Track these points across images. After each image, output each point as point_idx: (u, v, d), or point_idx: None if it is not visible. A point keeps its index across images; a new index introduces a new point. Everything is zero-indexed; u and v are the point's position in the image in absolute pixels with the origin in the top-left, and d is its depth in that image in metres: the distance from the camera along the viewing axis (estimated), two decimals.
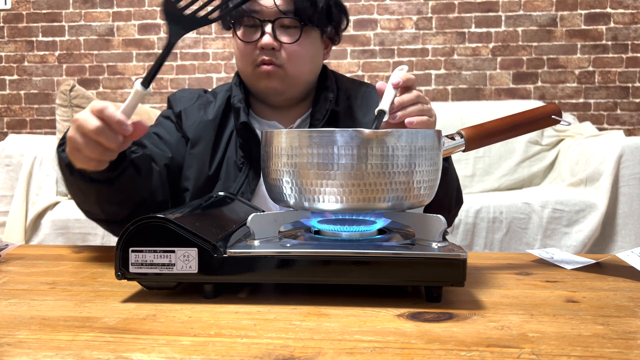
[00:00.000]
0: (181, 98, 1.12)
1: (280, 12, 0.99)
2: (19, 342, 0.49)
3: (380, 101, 0.80)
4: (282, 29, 1.01)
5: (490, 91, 2.91)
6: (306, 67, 1.05)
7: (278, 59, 1.01)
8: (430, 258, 0.59)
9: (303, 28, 1.01)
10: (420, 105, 0.82)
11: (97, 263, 0.83)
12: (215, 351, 0.46)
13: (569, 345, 0.47)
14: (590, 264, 0.78)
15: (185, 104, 1.10)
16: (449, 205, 1.01)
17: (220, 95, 1.11)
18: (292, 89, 1.05)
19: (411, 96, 0.81)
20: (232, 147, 1.06)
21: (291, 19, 1.00)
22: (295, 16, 0.99)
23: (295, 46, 1.01)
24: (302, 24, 1.00)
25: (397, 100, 0.80)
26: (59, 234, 2.09)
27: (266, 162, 0.69)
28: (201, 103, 1.10)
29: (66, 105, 2.30)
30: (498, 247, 1.98)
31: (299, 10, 0.99)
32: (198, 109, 1.09)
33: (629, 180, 1.98)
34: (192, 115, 1.08)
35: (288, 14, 0.99)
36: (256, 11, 0.99)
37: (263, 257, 0.60)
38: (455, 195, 1.02)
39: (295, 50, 1.01)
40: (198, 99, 1.11)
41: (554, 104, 0.87)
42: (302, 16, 1.00)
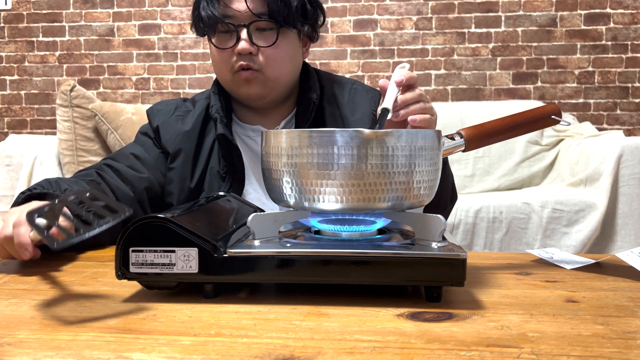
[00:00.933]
0: (159, 112, 1.10)
1: (254, 16, 0.96)
2: (20, 342, 0.49)
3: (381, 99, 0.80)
4: (258, 32, 0.98)
5: (490, 91, 2.91)
6: (285, 68, 1.03)
7: (256, 64, 0.99)
8: (430, 258, 0.59)
9: (279, 30, 0.99)
10: (422, 103, 0.82)
11: (98, 263, 0.83)
12: (216, 351, 0.47)
13: (568, 345, 0.47)
14: (590, 264, 0.78)
15: (163, 117, 1.08)
16: (444, 202, 1.01)
17: (199, 104, 1.09)
18: (273, 92, 1.04)
19: (414, 94, 0.81)
20: (215, 157, 1.05)
21: (266, 22, 0.97)
22: (270, 18, 0.97)
23: (272, 49, 0.99)
24: (277, 25, 0.98)
25: (400, 99, 0.80)
26: None
27: (266, 162, 0.70)
28: (179, 114, 1.08)
29: (66, 105, 2.30)
30: (498, 247, 1.98)
31: (273, 12, 0.97)
32: (176, 121, 1.07)
33: (629, 180, 1.98)
34: (170, 129, 1.07)
35: (262, 17, 0.97)
36: (229, 16, 0.97)
37: (263, 257, 0.60)
38: (450, 192, 1.02)
39: (273, 53, 0.99)
40: (175, 110, 1.09)
41: (554, 104, 0.87)
42: (276, 18, 0.97)
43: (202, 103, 1.09)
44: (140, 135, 1.11)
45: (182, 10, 3.02)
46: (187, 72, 3.03)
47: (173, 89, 3.03)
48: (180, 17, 3.02)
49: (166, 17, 3.02)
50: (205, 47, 3.01)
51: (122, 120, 2.28)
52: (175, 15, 3.02)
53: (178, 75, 3.04)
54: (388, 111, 0.78)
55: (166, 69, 3.04)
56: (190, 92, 3.03)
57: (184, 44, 3.03)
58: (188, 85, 3.03)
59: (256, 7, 0.97)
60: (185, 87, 3.04)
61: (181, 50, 3.03)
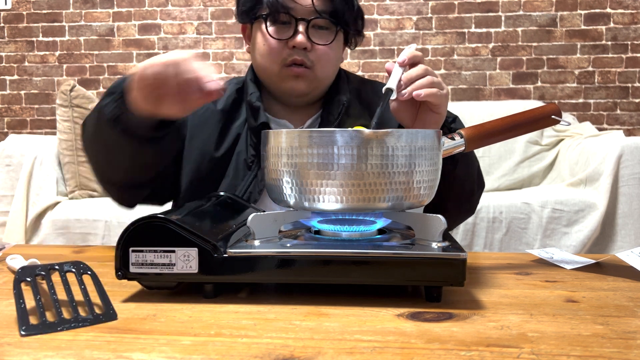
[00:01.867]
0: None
1: (317, 12, 0.96)
2: (20, 341, 0.49)
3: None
4: (314, 29, 0.98)
5: (490, 91, 2.91)
6: (332, 69, 1.03)
7: (309, 60, 0.98)
8: (430, 258, 0.59)
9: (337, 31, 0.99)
10: (429, 77, 0.79)
11: (97, 263, 0.83)
12: (216, 351, 0.47)
13: (568, 345, 0.48)
14: (590, 264, 0.78)
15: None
16: (471, 188, 0.99)
17: (229, 87, 1.08)
18: (315, 91, 1.03)
19: (419, 70, 0.79)
20: (242, 144, 1.03)
21: (327, 20, 0.97)
22: (332, 18, 0.97)
23: (326, 48, 0.98)
24: (336, 26, 0.98)
25: (405, 77, 0.79)
26: (59, 234, 2.09)
27: (266, 162, 0.70)
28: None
29: (66, 105, 2.30)
30: (498, 247, 1.98)
31: (337, 12, 0.97)
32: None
33: (629, 180, 1.98)
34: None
35: (324, 15, 0.96)
36: (291, 8, 0.96)
37: (263, 257, 0.60)
38: (476, 178, 1.00)
39: (326, 52, 0.99)
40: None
41: (554, 104, 0.87)
42: (338, 18, 0.97)
43: (232, 87, 1.08)
44: None
45: (182, 10, 3.02)
46: None
47: None
48: (180, 17, 3.02)
49: (166, 17, 3.02)
50: (205, 47, 3.01)
51: None
52: (175, 15, 3.02)
53: None
54: (391, 91, 0.77)
55: None
56: None
57: (184, 44, 3.02)
58: None
59: (320, 5, 0.96)
60: None
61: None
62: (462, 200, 1.00)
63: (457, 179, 0.92)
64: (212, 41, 3.01)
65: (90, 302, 0.56)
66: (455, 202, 0.98)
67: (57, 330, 0.51)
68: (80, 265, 0.60)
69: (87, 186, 2.29)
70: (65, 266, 0.59)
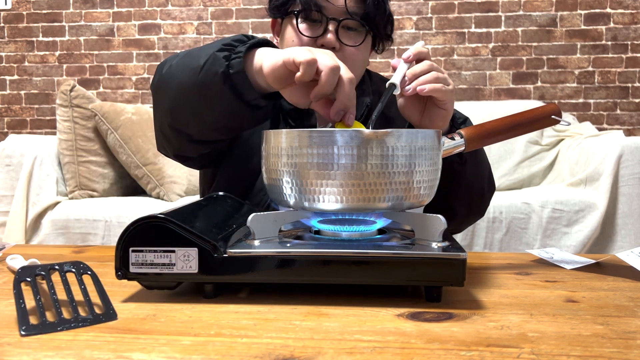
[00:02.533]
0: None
1: (348, 13, 0.95)
2: (20, 341, 0.49)
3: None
4: (344, 30, 0.97)
5: (490, 91, 2.91)
6: (358, 71, 1.02)
7: None
8: (430, 258, 0.59)
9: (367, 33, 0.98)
10: (434, 73, 0.79)
11: (97, 263, 0.83)
12: (216, 351, 0.47)
13: (568, 345, 0.48)
14: (590, 264, 0.78)
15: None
16: (480, 188, 0.98)
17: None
18: None
19: (423, 66, 0.79)
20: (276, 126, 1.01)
21: (357, 22, 0.97)
22: (362, 20, 0.97)
23: (354, 50, 0.98)
24: (366, 29, 0.98)
25: (409, 72, 0.78)
26: (59, 234, 2.09)
27: (266, 162, 0.70)
28: None
29: (66, 105, 2.30)
30: (498, 247, 1.98)
31: (368, 14, 0.96)
32: None
33: (629, 180, 1.98)
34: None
35: (355, 17, 0.96)
36: (323, 7, 0.95)
37: (263, 257, 0.60)
38: (487, 179, 0.99)
39: (354, 54, 0.98)
40: None
41: (554, 104, 0.87)
42: (368, 21, 0.97)
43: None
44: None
45: (182, 10, 3.02)
46: None
47: None
48: (180, 17, 3.02)
49: (166, 17, 3.02)
50: None
51: (122, 120, 2.28)
52: (175, 15, 3.02)
53: None
54: (394, 86, 0.77)
55: None
56: None
57: (184, 44, 3.02)
58: None
59: (352, 6, 0.96)
60: None
61: (181, 50, 3.03)
62: (471, 201, 1.00)
63: (465, 178, 0.92)
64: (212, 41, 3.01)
65: (90, 302, 0.56)
66: (464, 203, 0.98)
67: (57, 330, 0.51)
68: (80, 265, 0.60)
69: (87, 186, 2.29)
70: (65, 266, 0.59)
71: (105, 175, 2.34)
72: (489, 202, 1.04)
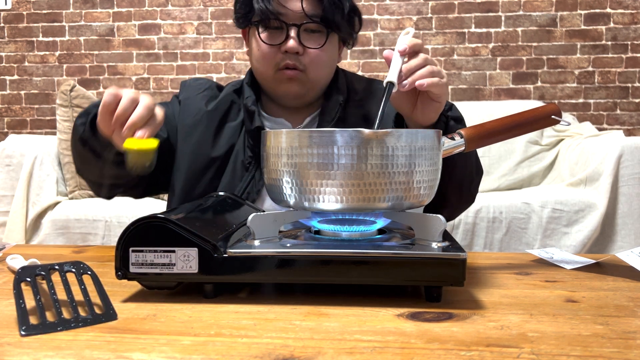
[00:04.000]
0: (189, 87, 1.11)
1: (307, 17, 0.97)
2: (20, 341, 0.49)
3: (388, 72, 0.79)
4: (306, 33, 0.99)
5: (490, 91, 2.91)
6: (326, 71, 1.04)
7: (301, 64, 0.99)
8: (430, 258, 0.59)
9: (329, 34, 1.00)
10: (429, 67, 0.80)
11: (97, 263, 0.83)
12: (216, 351, 0.47)
13: (568, 345, 0.48)
14: (590, 264, 0.78)
15: (191, 92, 1.10)
16: (470, 174, 1.00)
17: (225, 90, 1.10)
18: (310, 92, 1.05)
19: (419, 60, 0.79)
20: (240, 145, 1.04)
21: (318, 24, 0.98)
22: (322, 22, 0.98)
23: (318, 51, 1.00)
24: (327, 29, 0.99)
25: (405, 67, 0.79)
26: (59, 234, 2.09)
27: (266, 162, 0.70)
28: (206, 95, 1.09)
29: (66, 105, 2.30)
30: (498, 247, 1.98)
31: (327, 16, 0.98)
32: (201, 99, 1.08)
33: (629, 180, 1.98)
34: (192, 105, 1.08)
35: (314, 19, 0.98)
36: (282, 14, 0.97)
37: (263, 257, 0.60)
38: (475, 163, 1.01)
39: (319, 55, 1.00)
40: (205, 90, 1.10)
41: (554, 104, 0.87)
42: (328, 22, 0.98)
43: (228, 89, 1.10)
44: (174, 97, 1.13)
45: (182, 10, 3.02)
46: (187, 72, 3.03)
47: (173, 88, 3.03)
48: (180, 17, 3.02)
49: (166, 17, 3.02)
50: (205, 47, 3.01)
51: None
52: (175, 15, 3.02)
53: (178, 75, 3.04)
54: (393, 85, 0.77)
55: (166, 69, 3.04)
56: None
57: (183, 44, 3.02)
58: None
59: (310, 9, 0.97)
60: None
61: (181, 50, 3.03)
62: (462, 188, 1.01)
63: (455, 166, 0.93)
64: (212, 41, 3.01)
65: (90, 302, 0.56)
66: (456, 191, 0.99)
67: (57, 330, 0.51)
68: (80, 265, 0.60)
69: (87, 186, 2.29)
70: (65, 266, 0.59)
71: None
72: (478, 186, 1.06)
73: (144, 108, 0.77)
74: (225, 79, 2.99)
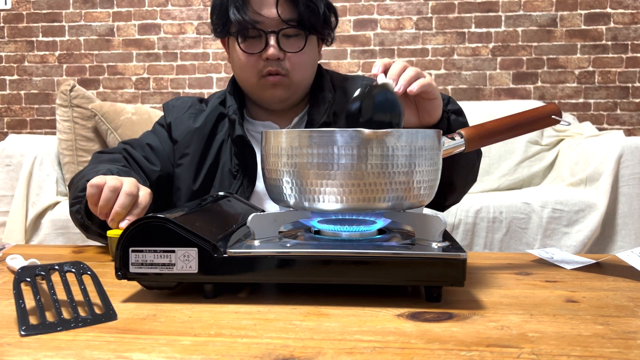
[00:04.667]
0: (173, 107, 1.13)
1: (284, 22, 0.98)
2: (20, 341, 0.49)
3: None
4: (285, 38, 1.00)
5: (490, 91, 2.91)
6: (308, 72, 1.06)
7: (283, 69, 1.01)
8: (430, 258, 0.59)
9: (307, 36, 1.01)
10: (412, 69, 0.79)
11: (97, 263, 0.83)
12: (216, 351, 0.47)
13: (568, 345, 0.47)
14: (590, 264, 0.78)
15: (177, 113, 1.11)
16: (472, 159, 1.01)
17: (211, 104, 1.12)
18: (295, 95, 1.06)
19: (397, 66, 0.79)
20: (227, 155, 1.06)
21: (295, 28, 1.00)
22: (299, 25, 0.99)
23: (299, 55, 1.01)
24: (305, 32, 1.00)
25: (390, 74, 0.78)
26: (59, 234, 2.09)
27: (266, 162, 0.69)
28: (192, 112, 1.11)
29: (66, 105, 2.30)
30: (498, 247, 1.98)
31: (302, 19, 0.99)
32: (188, 118, 1.10)
33: (629, 180, 1.98)
34: (181, 125, 1.09)
35: (291, 23, 0.99)
36: (258, 22, 0.98)
37: (263, 257, 0.60)
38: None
39: (300, 58, 1.01)
40: (190, 108, 1.12)
41: (554, 104, 0.87)
42: (305, 25, 1.00)
43: (214, 102, 1.12)
44: (157, 125, 1.14)
45: (182, 10, 3.02)
46: (187, 72, 3.03)
47: (173, 88, 3.03)
48: (180, 17, 3.02)
49: (166, 17, 3.02)
50: (205, 47, 3.01)
51: (122, 120, 2.28)
52: (175, 15, 3.02)
53: (178, 75, 3.04)
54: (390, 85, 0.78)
55: (166, 68, 3.03)
56: (190, 92, 3.03)
57: (183, 44, 3.02)
58: (188, 85, 3.03)
59: (285, 14, 0.98)
60: (185, 87, 3.03)
61: (181, 50, 3.03)
62: (467, 173, 1.02)
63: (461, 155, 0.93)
64: (212, 41, 3.01)
65: (90, 302, 0.56)
66: (462, 176, 1.00)
67: (57, 330, 0.51)
68: (80, 266, 0.60)
69: None
70: (65, 266, 0.59)
71: None
72: (479, 166, 1.07)
73: (125, 196, 0.79)
74: (225, 79, 3.00)
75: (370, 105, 0.71)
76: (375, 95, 0.73)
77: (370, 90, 0.73)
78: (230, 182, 1.05)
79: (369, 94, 0.72)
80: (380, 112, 0.72)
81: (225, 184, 1.05)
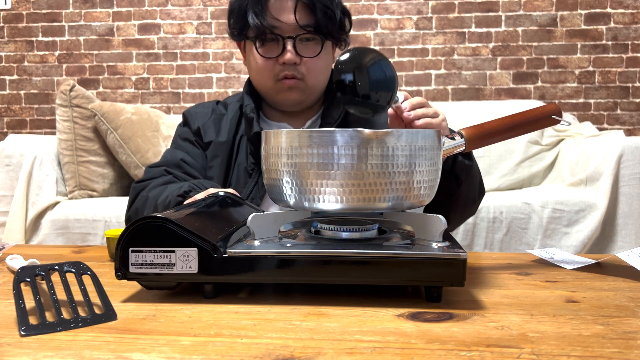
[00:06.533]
0: (196, 114, 1.14)
1: (301, 28, 1.00)
2: (20, 341, 0.49)
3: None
4: (301, 43, 1.02)
5: (490, 91, 2.91)
6: (323, 76, 1.07)
7: (299, 73, 1.03)
8: (430, 258, 0.59)
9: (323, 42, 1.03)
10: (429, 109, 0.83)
11: (97, 263, 0.83)
12: (215, 351, 0.46)
13: (569, 345, 0.47)
14: (590, 264, 0.78)
15: (202, 119, 1.12)
16: (473, 198, 1.03)
17: (231, 107, 1.13)
18: (310, 98, 1.08)
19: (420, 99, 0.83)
20: (243, 154, 1.08)
21: (312, 34, 1.01)
22: (316, 31, 1.01)
23: (315, 59, 1.03)
24: (322, 38, 1.02)
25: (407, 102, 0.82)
26: (59, 234, 2.09)
27: (266, 162, 0.69)
28: (215, 117, 1.12)
29: (66, 105, 2.30)
30: (498, 247, 1.98)
31: (320, 25, 1.01)
32: (214, 124, 1.11)
33: (629, 180, 1.98)
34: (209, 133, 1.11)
35: (309, 29, 1.00)
36: (277, 27, 1.00)
37: (263, 257, 0.60)
38: (478, 187, 1.04)
39: (315, 63, 1.03)
40: (212, 113, 1.13)
41: (554, 104, 0.87)
42: (322, 31, 1.01)
43: (234, 106, 1.14)
44: (181, 141, 1.14)
45: (181, 10, 3.02)
46: (187, 72, 3.03)
47: (173, 88, 3.03)
48: (180, 16, 3.02)
49: (166, 17, 3.02)
50: (205, 47, 3.01)
51: (122, 120, 2.28)
52: (175, 15, 3.02)
53: (178, 75, 3.04)
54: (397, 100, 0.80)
55: (166, 68, 3.03)
56: (190, 92, 3.03)
57: (183, 44, 3.02)
58: (188, 85, 3.03)
59: (303, 20, 1.00)
60: (185, 87, 3.03)
61: (181, 50, 3.02)
62: (465, 210, 1.04)
63: (461, 196, 0.97)
64: (212, 41, 3.01)
65: (89, 302, 0.55)
66: (459, 213, 1.02)
67: (56, 330, 0.51)
68: (80, 266, 0.59)
69: (86, 186, 2.29)
70: (64, 266, 0.59)
71: (105, 175, 2.33)
72: (480, 204, 1.09)
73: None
74: (225, 79, 2.99)
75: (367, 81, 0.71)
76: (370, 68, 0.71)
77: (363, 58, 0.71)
78: (245, 180, 1.06)
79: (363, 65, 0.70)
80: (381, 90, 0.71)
81: (241, 182, 1.06)
